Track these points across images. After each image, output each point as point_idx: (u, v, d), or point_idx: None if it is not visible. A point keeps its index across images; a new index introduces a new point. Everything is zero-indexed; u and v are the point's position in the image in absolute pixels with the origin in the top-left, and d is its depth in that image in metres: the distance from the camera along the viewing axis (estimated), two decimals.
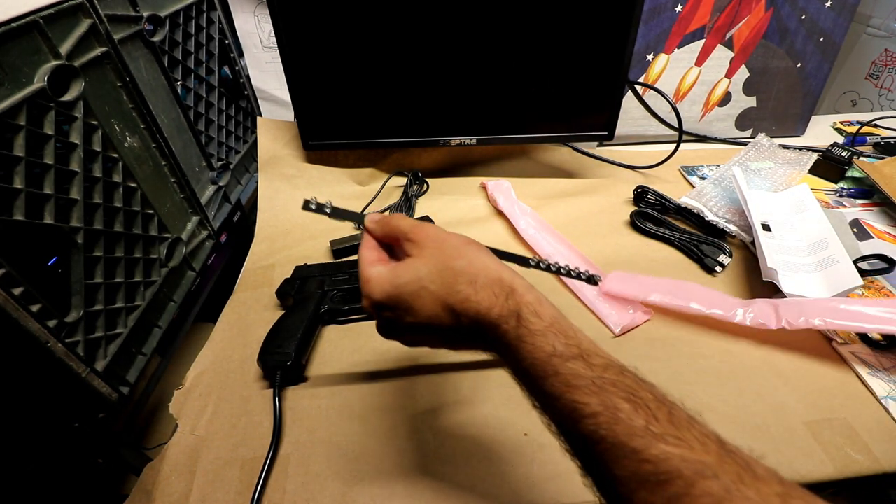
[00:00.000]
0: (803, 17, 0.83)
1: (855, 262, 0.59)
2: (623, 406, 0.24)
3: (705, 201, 0.72)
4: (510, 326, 0.29)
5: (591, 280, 0.41)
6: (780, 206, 0.70)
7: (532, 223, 0.70)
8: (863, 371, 0.48)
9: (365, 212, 0.37)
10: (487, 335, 0.30)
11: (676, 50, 0.85)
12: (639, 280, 0.57)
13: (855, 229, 0.69)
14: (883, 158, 0.81)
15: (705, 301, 0.54)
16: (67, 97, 0.42)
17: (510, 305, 0.29)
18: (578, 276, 0.41)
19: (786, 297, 0.54)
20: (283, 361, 0.49)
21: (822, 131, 0.98)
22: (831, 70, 0.89)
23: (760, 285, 0.58)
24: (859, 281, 0.53)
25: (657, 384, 0.27)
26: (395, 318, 0.33)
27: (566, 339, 0.28)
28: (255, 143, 0.80)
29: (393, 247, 0.36)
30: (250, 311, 0.61)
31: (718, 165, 0.83)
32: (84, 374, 0.41)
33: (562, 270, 0.41)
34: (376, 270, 0.33)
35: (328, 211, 0.38)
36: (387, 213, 0.40)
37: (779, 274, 0.55)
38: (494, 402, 0.48)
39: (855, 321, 0.48)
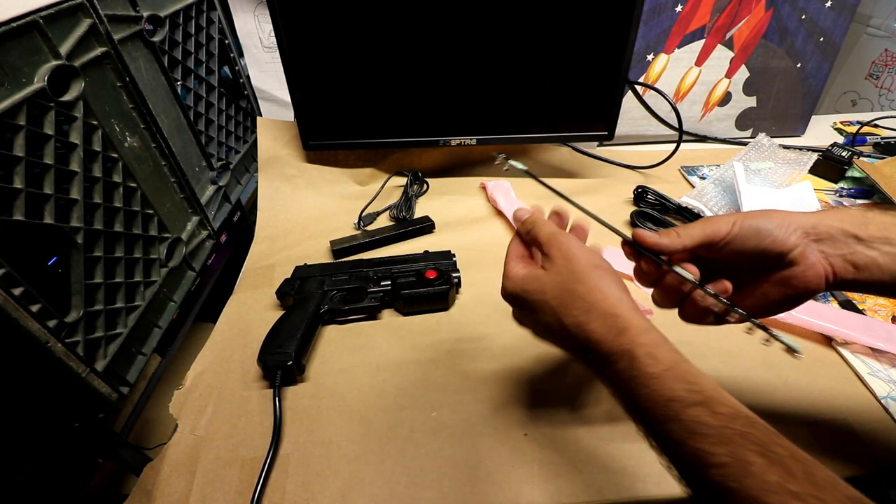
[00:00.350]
0: (803, 17, 0.83)
1: None
2: (754, 459, 0.23)
3: (705, 201, 0.72)
4: (623, 366, 0.29)
5: (790, 350, 0.34)
6: (781, 202, 0.70)
7: None
8: (863, 371, 0.48)
9: (516, 207, 0.40)
10: (598, 366, 0.31)
11: (676, 50, 0.85)
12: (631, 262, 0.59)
13: None
14: (883, 158, 0.81)
15: None
16: (67, 97, 0.43)
17: (622, 343, 0.29)
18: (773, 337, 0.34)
19: None
20: (283, 361, 0.49)
21: (822, 131, 0.98)
22: (831, 70, 0.89)
23: None
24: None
25: None
26: (523, 313, 0.36)
27: (687, 384, 0.27)
28: (255, 143, 0.80)
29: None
30: (250, 311, 0.61)
31: (718, 165, 0.83)
32: (84, 374, 0.41)
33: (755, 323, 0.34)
34: (515, 269, 0.37)
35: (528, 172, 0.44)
36: (532, 210, 0.41)
37: None
38: (495, 403, 0.48)
39: (821, 321, 0.51)
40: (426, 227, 0.73)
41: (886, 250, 0.32)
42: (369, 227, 0.75)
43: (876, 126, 0.95)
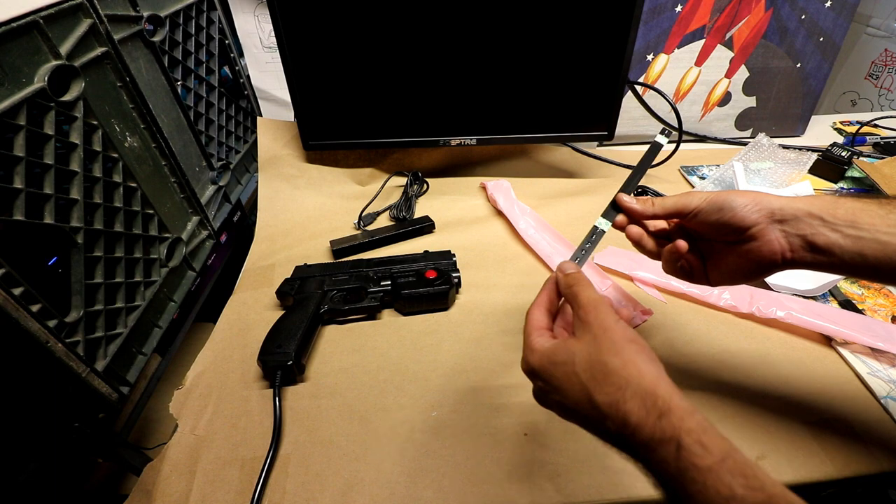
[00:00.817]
0: (803, 17, 0.83)
1: None
2: None
3: None
4: (669, 455, 0.25)
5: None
6: None
7: (532, 223, 0.70)
8: (863, 371, 0.48)
9: (563, 262, 0.39)
10: (637, 453, 0.27)
11: (676, 50, 0.85)
12: (629, 256, 0.63)
13: None
14: (883, 158, 0.81)
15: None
16: (67, 97, 0.43)
17: (665, 428, 0.26)
18: None
19: (771, 288, 0.57)
20: (283, 361, 0.49)
21: (822, 131, 0.98)
22: (831, 70, 0.89)
23: (761, 284, 0.58)
24: (855, 277, 0.54)
25: None
26: (545, 390, 0.33)
27: (745, 479, 0.23)
28: (255, 143, 0.80)
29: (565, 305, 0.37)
30: (250, 311, 0.61)
31: (718, 165, 0.83)
32: (84, 374, 0.41)
33: None
34: (540, 341, 0.33)
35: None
36: (576, 262, 0.40)
37: None
38: (495, 403, 0.48)
39: (821, 321, 0.51)
40: (426, 227, 0.73)
41: (849, 232, 0.33)
42: (369, 227, 0.75)
43: (876, 126, 0.95)
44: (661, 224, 0.44)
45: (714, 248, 0.41)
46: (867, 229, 0.33)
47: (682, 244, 0.41)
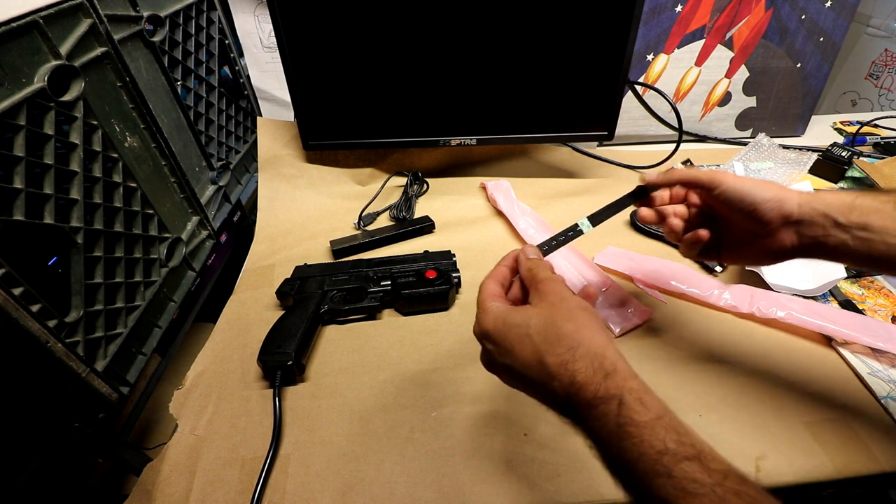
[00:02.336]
0: (803, 17, 0.83)
1: None
2: None
3: None
4: (610, 412, 0.27)
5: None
6: None
7: (532, 223, 0.70)
8: (863, 371, 0.48)
9: (527, 246, 0.41)
10: (580, 413, 0.29)
11: (676, 50, 0.85)
12: (629, 257, 0.63)
13: None
14: (883, 158, 0.81)
15: (686, 280, 0.58)
16: (67, 97, 0.43)
17: (609, 386, 0.27)
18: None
19: (771, 288, 0.57)
20: (283, 361, 0.49)
21: (822, 131, 0.98)
22: (831, 70, 0.89)
23: (761, 284, 0.58)
24: (843, 274, 0.55)
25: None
26: (495, 353, 0.34)
27: (678, 435, 0.25)
28: (255, 143, 0.80)
29: (523, 286, 0.39)
30: (250, 311, 0.61)
31: (718, 165, 0.83)
32: (84, 374, 0.41)
33: None
34: (495, 304, 0.35)
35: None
36: (536, 247, 0.42)
37: None
38: (495, 402, 0.48)
39: (821, 321, 0.51)
40: (426, 227, 0.73)
41: (859, 234, 0.36)
42: (369, 227, 0.75)
43: (876, 126, 0.94)
44: (683, 210, 0.47)
45: (730, 231, 0.44)
46: (877, 231, 0.35)
47: (703, 233, 0.44)
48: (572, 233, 0.46)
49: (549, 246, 0.44)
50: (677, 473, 0.24)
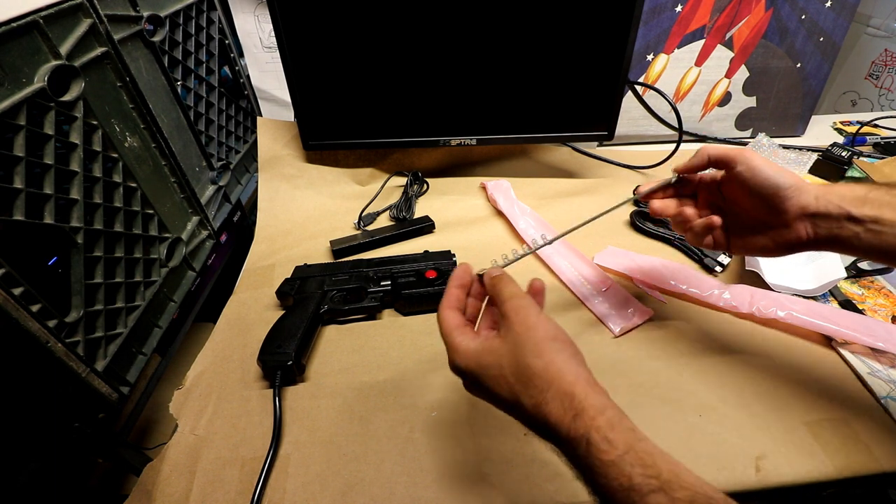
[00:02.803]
0: (803, 17, 0.83)
1: (855, 261, 0.59)
2: None
3: None
4: (581, 451, 0.28)
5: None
6: None
7: (532, 223, 0.70)
8: (863, 371, 0.48)
9: (484, 269, 0.40)
10: (560, 447, 0.30)
11: (676, 50, 0.85)
12: (629, 257, 0.63)
13: None
14: (883, 158, 0.81)
15: (686, 280, 0.58)
16: (67, 97, 0.43)
17: (578, 428, 0.28)
18: None
19: (771, 288, 0.57)
20: (283, 361, 0.49)
21: (822, 131, 0.98)
22: (831, 70, 0.89)
23: (762, 284, 0.58)
24: (843, 273, 0.55)
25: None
26: (473, 387, 0.35)
27: (643, 468, 0.26)
28: (255, 143, 0.80)
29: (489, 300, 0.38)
30: (250, 311, 0.61)
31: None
32: (84, 374, 0.41)
33: None
34: (463, 342, 0.35)
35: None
36: (500, 265, 0.41)
37: (760, 263, 0.58)
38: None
39: (821, 321, 0.51)
40: (426, 227, 0.73)
41: (871, 227, 0.37)
42: (369, 227, 0.75)
43: (876, 126, 0.94)
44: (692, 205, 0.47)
45: (741, 220, 0.44)
46: (889, 225, 0.36)
47: (716, 219, 0.45)
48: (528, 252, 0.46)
49: (509, 262, 0.43)
50: None
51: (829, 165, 0.80)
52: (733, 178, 0.42)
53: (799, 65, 0.88)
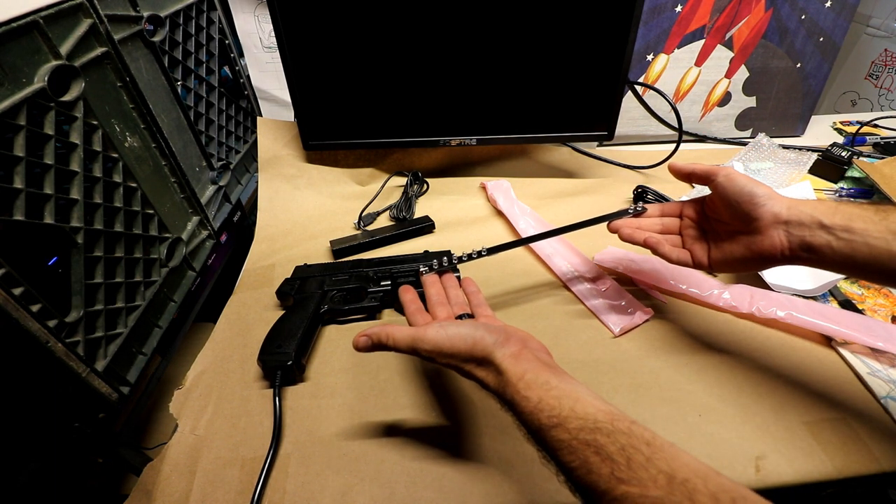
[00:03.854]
0: (803, 17, 0.83)
1: None
2: (593, 459, 0.30)
3: None
4: (512, 409, 0.36)
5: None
6: None
7: (532, 223, 0.70)
8: (863, 371, 0.48)
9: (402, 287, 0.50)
10: (504, 406, 0.38)
11: (676, 50, 0.85)
12: (629, 257, 0.63)
13: None
14: (883, 158, 0.81)
15: (686, 280, 0.58)
16: (67, 97, 0.43)
17: (504, 394, 0.36)
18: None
19: (771, 288, 0.57)
20: (283, 361, 0.49)
21: (822, 131, 0.98)
22: (831, 70, 0.89)
23: (761, 284, 0.58)
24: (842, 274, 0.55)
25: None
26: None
27: (549, 412, 0.33)
28: (255, 143, 0.80)
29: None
30: (250, 311, 0.61)
31: (718, 165, 0.83)
32: (84, 374, 0.41)
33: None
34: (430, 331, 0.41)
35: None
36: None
37: None
38: (494, 402, 0.48)
39: (821, 321, 0.51)
40: (426, 227, 0.73)
41: (842, 236, 0.38)
42: (369, 227, 0.75)
43: (876, 126, 0.94)
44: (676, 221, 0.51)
45: (720, 235, 0.46)
46: (859, 233, 0.38)
47: (674, 227, 0.50)
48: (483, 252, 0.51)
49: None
50: (548, 439, 0.32)
51: (829, 165, 0.80)
52: (713, 190, 0.46)
53: (799, 65, 0.88)
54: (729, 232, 0.45)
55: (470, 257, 0.51)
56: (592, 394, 0.34)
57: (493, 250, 0.52)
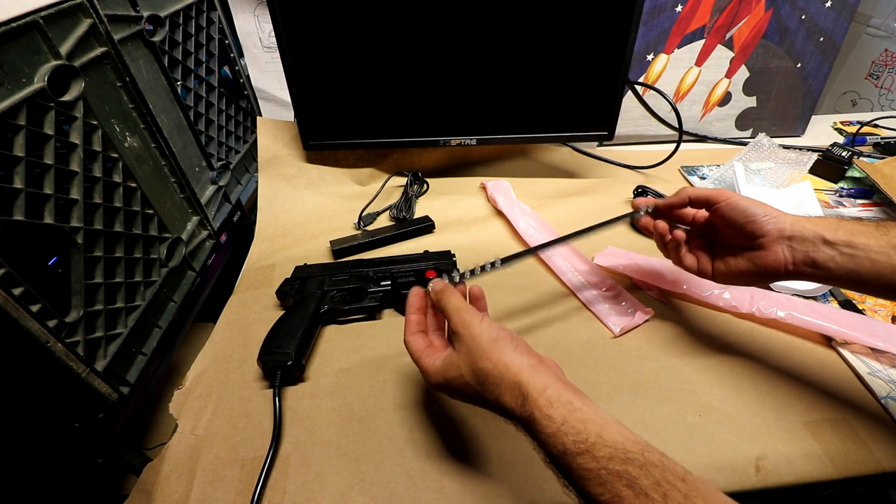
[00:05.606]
0: (803, 17, 0.83)
1: None
2: (625, 493, 0.28)
3: None
4: (531, 429, 0.33)
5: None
6: (781, 202, 0.70)
7: (532, 223, 0.70)
8: (863, 371, 0.48)
9: (431, 283, 0.44)
10: (520, 427, 0.35)
11: (676, 50, 0.85)
12: (629, 257, 0.63)
13: None
14: (883, 158, 0.81)
15: (686, 280, 0.58)
16: (67, 97, 0.42)
17: (524, 411, 0.33)
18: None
19: (772, 288, 0.57)
20: (283, 361, 0.49)
21: (822, 131, 0.98)
22: (831, 70, 0.89)
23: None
24: (848, 289, 0.55)
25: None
26: (455, 395, 0.39)
27: (575, 435, 0.31)
28: (255, 143, 0.80)
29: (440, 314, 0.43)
30: (250, 311, 0.61)
31: (718, 165, 0.83)
32: (84, 374, 0.41)
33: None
34: (429, 364, 0.39)
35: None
36: (444, 280, 0.44)
37: None
38: None
39: (821, 321, 0.52)
40: (426, 227, 0.73)
41: (845, 251, 0.39)
42: (369, 227, 0.75)
43: (876, 126, 0.95)
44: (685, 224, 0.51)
45: (726, 249, 0.47)
46: (861, 249, 0.38)
47: (679, 234, 0.49)
48: (490, 265, 0.47)
49: (462, 275, 0.45)
50: (574, 467, 0.30)
51: (830, 165, 0.80)
52: (715, 214, 0.46)
53: (799, 65, 0.88)
54: (733, 247, 0.46)
55: (483, 269, 0.46)
56: (616, 420, 0.32)
57: (506, 260, 0.48)
